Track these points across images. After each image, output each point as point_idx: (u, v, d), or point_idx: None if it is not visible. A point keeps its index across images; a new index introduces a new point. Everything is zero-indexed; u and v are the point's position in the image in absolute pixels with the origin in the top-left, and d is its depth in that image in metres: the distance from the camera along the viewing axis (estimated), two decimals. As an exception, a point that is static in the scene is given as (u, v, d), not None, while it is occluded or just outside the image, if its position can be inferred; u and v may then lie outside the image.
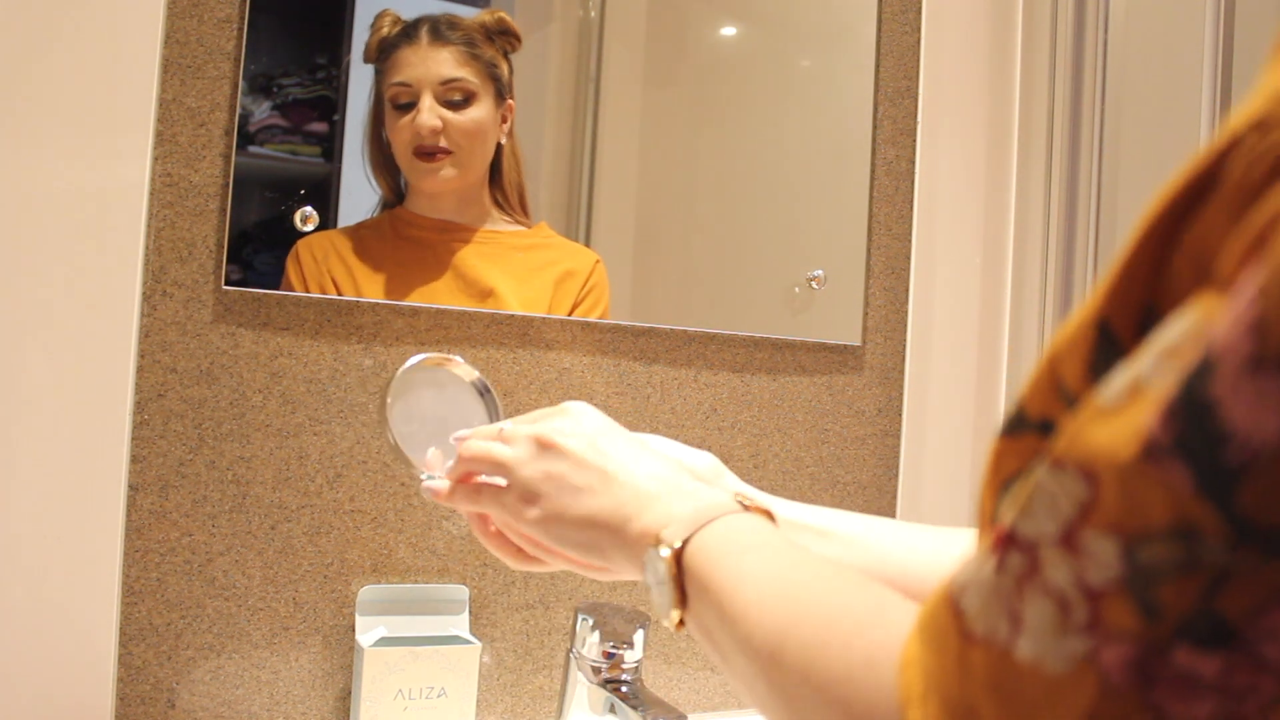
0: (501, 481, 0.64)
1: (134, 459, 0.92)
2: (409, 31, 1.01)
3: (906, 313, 1.28)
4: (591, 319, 1.09)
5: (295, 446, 0.97)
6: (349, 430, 0.99)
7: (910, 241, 1.28)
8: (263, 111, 0.96)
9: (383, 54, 1.00)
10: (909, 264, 1.28)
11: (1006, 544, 0.28)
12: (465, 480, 0.67)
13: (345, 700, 0.99)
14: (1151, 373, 0.25)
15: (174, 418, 0.93)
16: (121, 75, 0.91)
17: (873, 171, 1.25)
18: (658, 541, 0.50)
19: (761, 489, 1.18)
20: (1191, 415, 0.24)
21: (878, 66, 1.26)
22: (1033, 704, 0.27)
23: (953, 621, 0.30)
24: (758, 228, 1.20)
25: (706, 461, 0.68)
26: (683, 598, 0.49)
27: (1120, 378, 0.26)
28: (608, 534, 0.54)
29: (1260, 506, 0.23)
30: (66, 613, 0.89)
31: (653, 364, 1.13)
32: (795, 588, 0.42)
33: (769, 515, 0.53)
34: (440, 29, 1.01)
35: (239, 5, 0.95)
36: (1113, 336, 0.28)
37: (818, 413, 1.22)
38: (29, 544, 0.88)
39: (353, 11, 1.00)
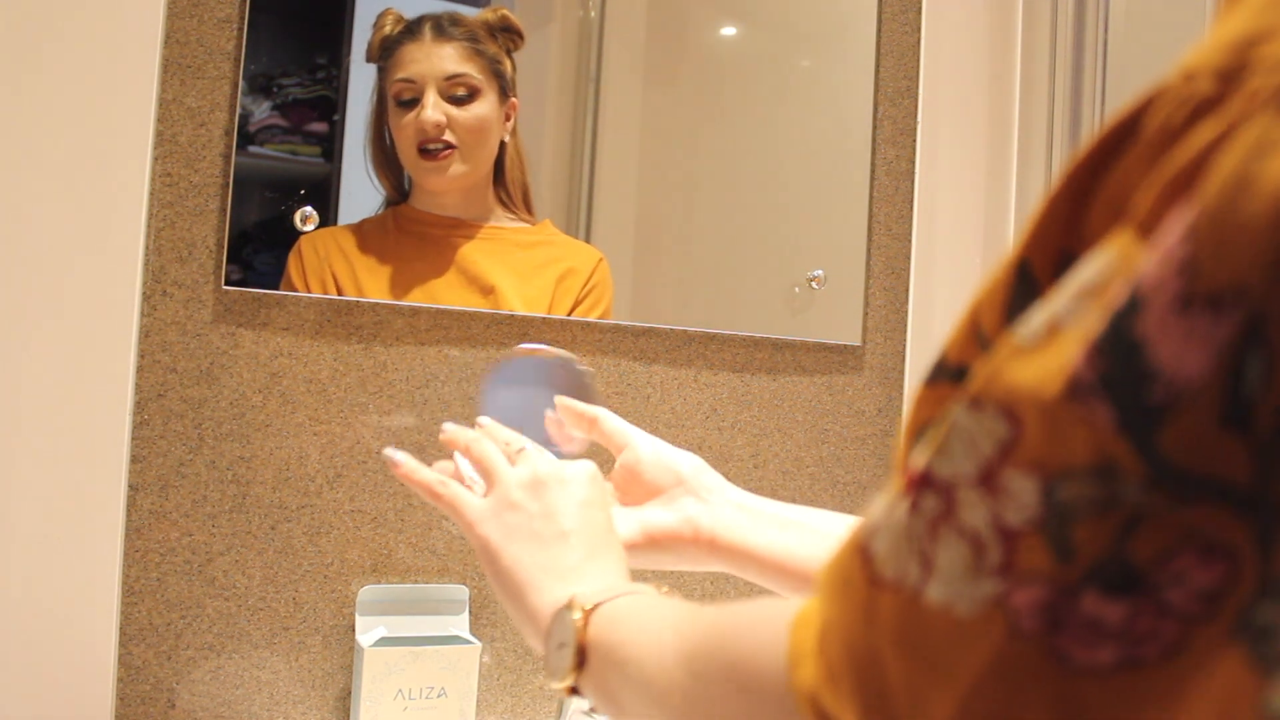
0: (478, 483, 0.64)
1: (134, 459, 0.92)
2: (412, 29, 1.01)
3: (906, 313, 1.28)
4: (592, 319, 1.09)
5: (295, 446, 0.97)
6: (349, 430, 0.99)
7: (910, 241, 1.28)
8: (263, 111, 0.96)
9: (385, 52, 1.00)
10: (909, 264, 1.28)
11: (921, 485, 0.28)
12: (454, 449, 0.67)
13: (345, 700, 0.99)
14: (1070, 311, 0.25)
15: (174, 418, 0.93)
16: (121, 75, 0.91)
17: (873, 171, 1.25)
18: (570, 605, 0.51)
19: (761, 489, 1.18)
20: (1117, 353, 0.24)
21: (878, 66, 1.26)
22: (939, 649, 0.27)
23: (860, 567, 0.29)
24: (758, 228, 1.20)
25: (691, 463, 0.69)
26: (581, 661, 0.49)
27: (1037, 316, 0.26)
28: (530, 589, 0.56)
29: (1180, 448, 0.23)
30: (66, 613, 0.89)
31: (653, 364, 1.13)
32: (702, 619, 0.42)
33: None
34: (444, 25, 1.01)
35: (239, 5, 0.95)
36: (1031, 279, 0.28)
37: (818, 413, 1.22)
38: (29, 544, 0.88)
39: (353, 11, 1.00)
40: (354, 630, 0.98)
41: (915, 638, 0.27)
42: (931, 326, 1.29)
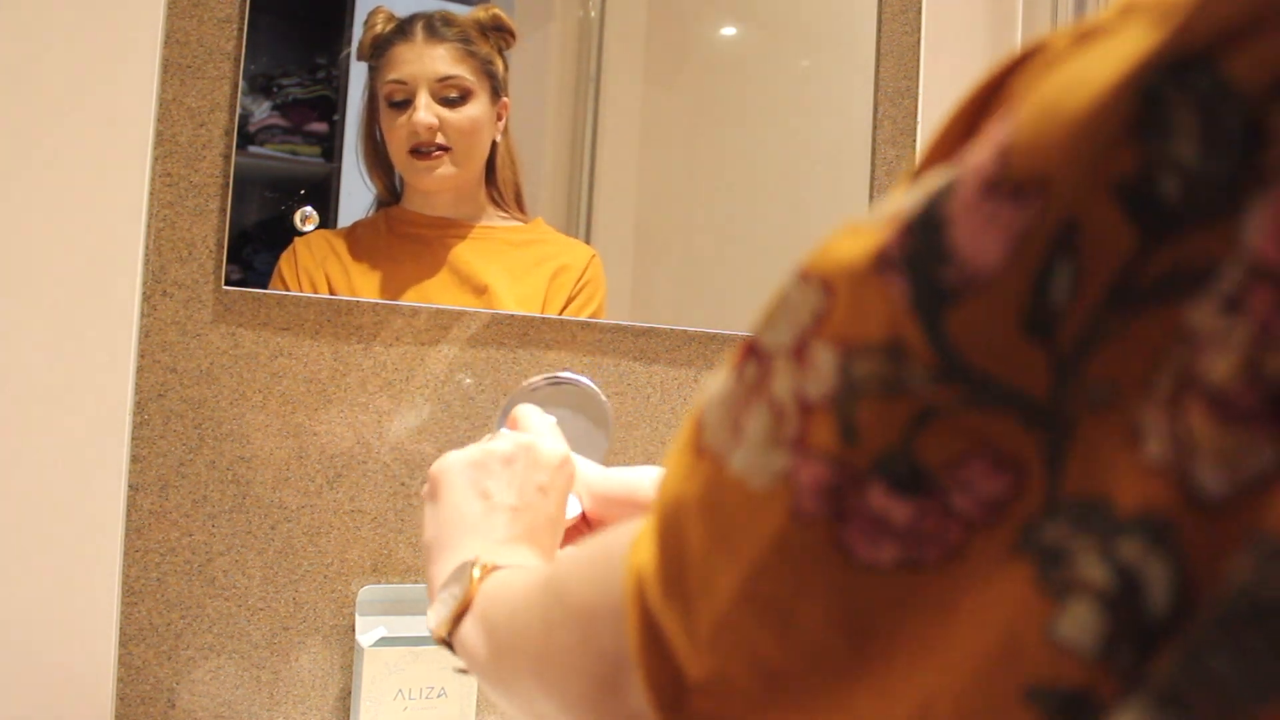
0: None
1: (134, 459, 0.92)
2: (404, 28, 1.01)
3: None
4: (592, 319, 1.09)
5: (295, 446, 0.97)
6: (349, 430, 0.99)
7: (910, 241, 1.28)
8: (263, 111, 0.96)
9: (376, 51, 1.00)
10: (909, 264, 1.28)
11: (747, 354, 0.28)
12: None
13: (345, 700, 0.99)
14: (900, 201, 0.25)
15: (174, 418, 0.93)
16: (121, 75, 0.91)
17: (873, 171, 1.25)
18: (474, 562, 0.51)
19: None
20: (923, 231, 0.23)
21: (878, 66, 1.26)
22: (731, 521, 0.26)
23: (692, 436, 0.29)
24: (758, 228, 1.20)
25: (655, 473, 0.68)
26: (461, 614, 0.50)
27: (879, 208, 0.26)
28: (451, 539, 0.57)
29: (968, 337, 0.23)
30: (66, 613, 0.89)
31: (653, 364, 1.13)
32: (560, 561, 0.42)
33: None
34: (435, 26, 1.01)
35: (239, 5, 0.95)
36: None
37: (818, 413, 1.22)
38: (29, 544, 0.88)
39: (352, 11, 1.00)
40: (354, 630, 0.98)
41: (714, 506, 0.27)
42: (931, 326, 1.29)
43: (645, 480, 0.68)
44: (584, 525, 0.69)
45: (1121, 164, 0.21)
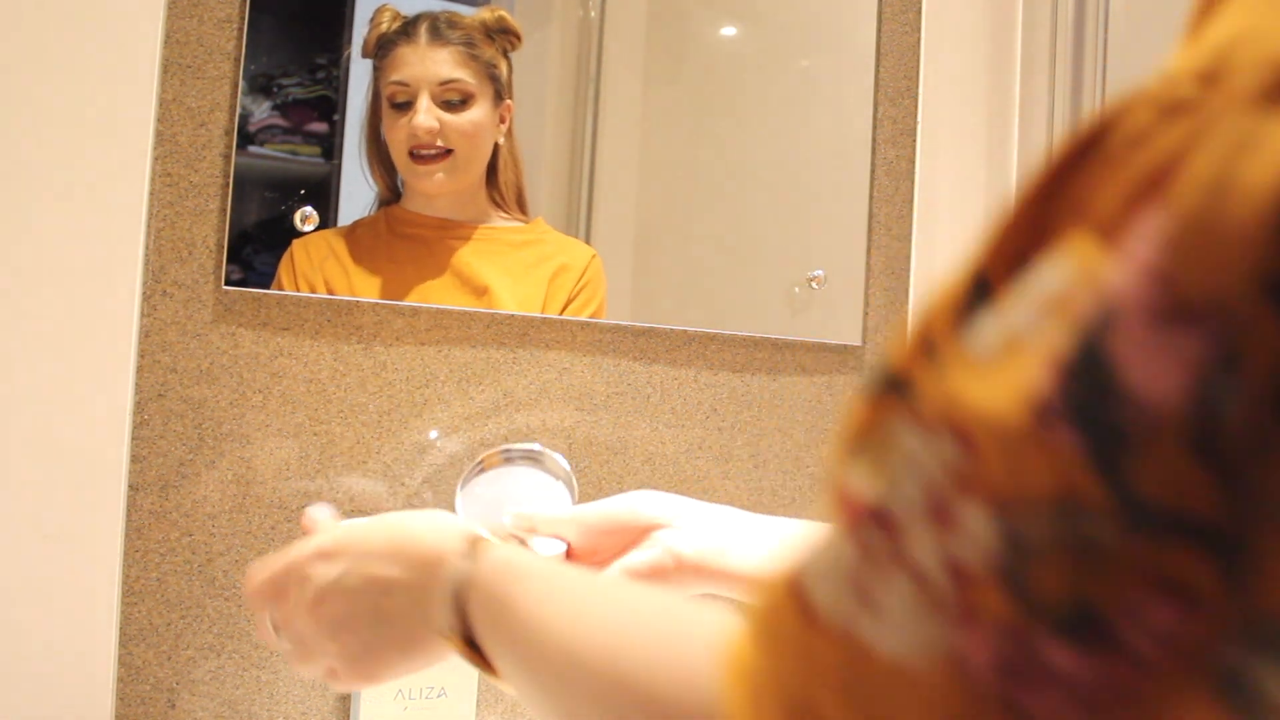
0: None
1: (134, 459, 0.92)
2: (408, 29, 1.00)
3: (906, 313, 1.28)
4: (591, 319, 1.09)
5: (295, 446, 0.97)
6: (349, 430, 0.99)
7: (910, 241, 1.28)
8: (263, 111, 0.96)
9: (381, 50, 1.00)
10: (909, 264, 1.28)
11: (864, 518, 0.25)
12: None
13: (345, 700, 0.99)
14: (1030, 324, 0.23)
15: (174, 418, 0.93)
16: (121, 75, 0.91)
17: (873, 171, 1.25)
18: (458, 551, 0.47)
19: (761, 489, 1.18)
20: (1086, 374, 0.21)
21: (878, 66, 1.26)
22: (885, 699, 0.24)
23: (796, 612, 0.27)
24: (758, 228, 1.20)
25: (642, 499, 0.66)
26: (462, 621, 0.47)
27: (991, 329, 0.24)
28: (409, 575, 0.51)
29: (1152, 480, 0.21)
30: (66, 613, 0.89)
31: (653, 364, 1.13)
32: (604, 604, 0.39)
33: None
34: (440, 28, 1.01)
35: (239, 5, 0.95)
36: (987, 290, 0.26)
37: (818, 413, 1.22)
38: (29, 544, 0.88)
39: (353, 11, 1.00)
40: (354, 630, 0.98)
41: (859, 687, 0.25)
42: (931, 326, 1.29)
43: (633, 506, 0.66)
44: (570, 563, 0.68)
45: (1276, 263, 0.20)
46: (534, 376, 1.07)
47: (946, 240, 1.31)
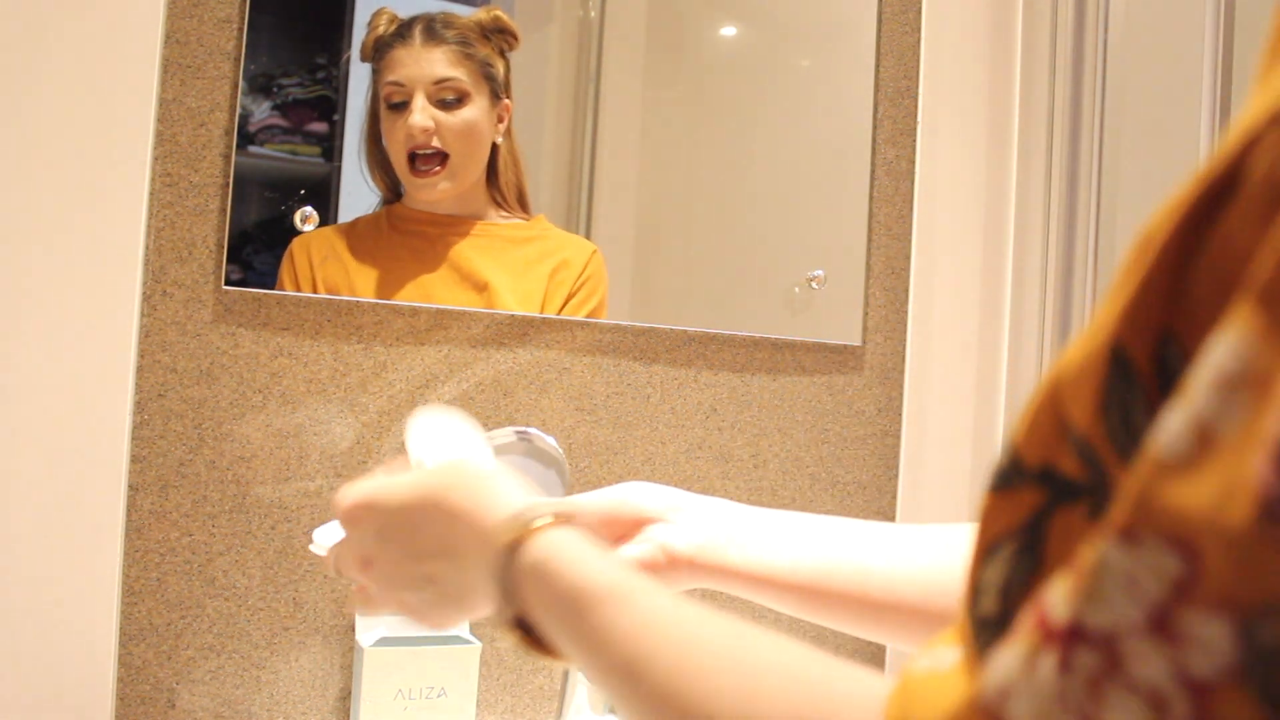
0: None
1: (134, 459, 0.92)
2: (403, 31, 1.01)
3: (906, 313, 1.28)
4: (592, 319, 1.09)
5: (295, 446, 0.97)
6: (349, 430, 0.99)
7: (910, 241, 1.28)
8: (263, 111, 0.96)
9: (378, 53, 1.01)
10: (909, 264, 1.28)
11: (1069, 638, 0.24)
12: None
13: (345, 700, 0.99)
14: (1220, 412, 0.22)
15: (174, 418, 0.93)
16: (121, 75, 0.91)
17: (873, 171, 1.25)
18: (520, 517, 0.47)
19: (761, 489, 1.18)
20: None
21: (878, 66, 1.26)
22: None
23: None
24: (758, 228, 1.20)
25: (634, 490, 0.65)
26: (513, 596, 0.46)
27: (1176, 421, 0.22)
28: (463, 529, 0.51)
29: None
30: (66, 613, 0.89)
31: (653, 364, 1.13)
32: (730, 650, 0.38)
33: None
34: (434, 28, 1.01)
35: (239, 5, 0.95)
36: (1128, 367, 0.25)
37: (818, 413, 1.22)
38: (29, 544, 0.88)
39: (353, 11, 1.00)
40: (354, 630, 0.98)
41: None
42: (931, 326, 1.29)
43: (626, 498, 0.65)
44: None
45: None
46: (534, 376, 1.07)
47: (946, 240, 1.31)
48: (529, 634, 0.46)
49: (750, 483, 1.18)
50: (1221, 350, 0.22)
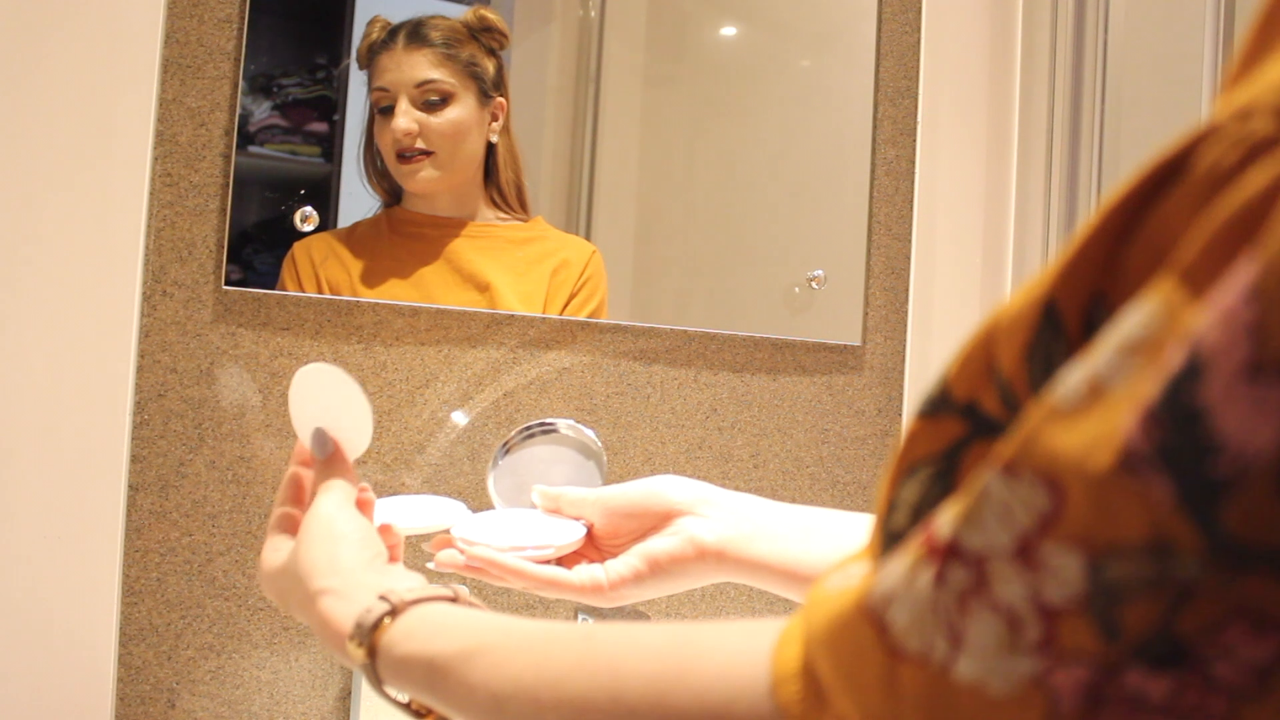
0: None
1: (134, 459, 0.92)
2: (390, 37, 1.02)
3: (906, 313, 1.28)
4: (591, 319, 1.09)
5: (295, 446, 0.97)
6: (349, 430, 0.99)
7: (910, 241, 1.28)
8: (263, 111, 0.96)
9: (370, 60, 1.02)
10: (909, 264, 1.28)
11: (948, 555, 0.26)
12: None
13: (345, 700, 0.99)
14: (1115, 370, 0.23)
15: (174, 418, 0.93)
16: (121, 75, 0.91)
17: (873, 171, 1.25)
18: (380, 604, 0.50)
19: (761, 489, 1.18)
20: (1177, 422, 0.22)
21: (878, 66, 1.26)
22: None
23: (875, 636, 0.28)
24: (758, 228, 1.20)
25: (666, 483, 0.66)
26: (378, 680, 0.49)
27: (1076, 374, 0.24)
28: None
29: (1245, 523, 0.22)
30: (66, 613, 0.89)
31: (653, 364, 1.13)
32: (619, 651, 0.39)
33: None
34: (418, 31, 1.02)
35: (239, 5, 0.95)
36: (1057, 322, 0.26)
37: (818, 413, 1.22)
38: (29, 544, 0.88)
39: (352, 12, 1.00)
40: (354, 630, 0.98)
41: (944, 714, 0.26)
42: (931, 326, 1.29)
43: (657, 490, 0.65)
44: (591, 545, 0.68)
45: None
46: (534, 376, 1.07)
47: (946, 240, 1.31)
48: (428, 711, 0.50)
49: (750, 483, 1.18)
50: (1133, 316, 0.24)
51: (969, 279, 1.32)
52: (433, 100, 1.02)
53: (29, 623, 0.88)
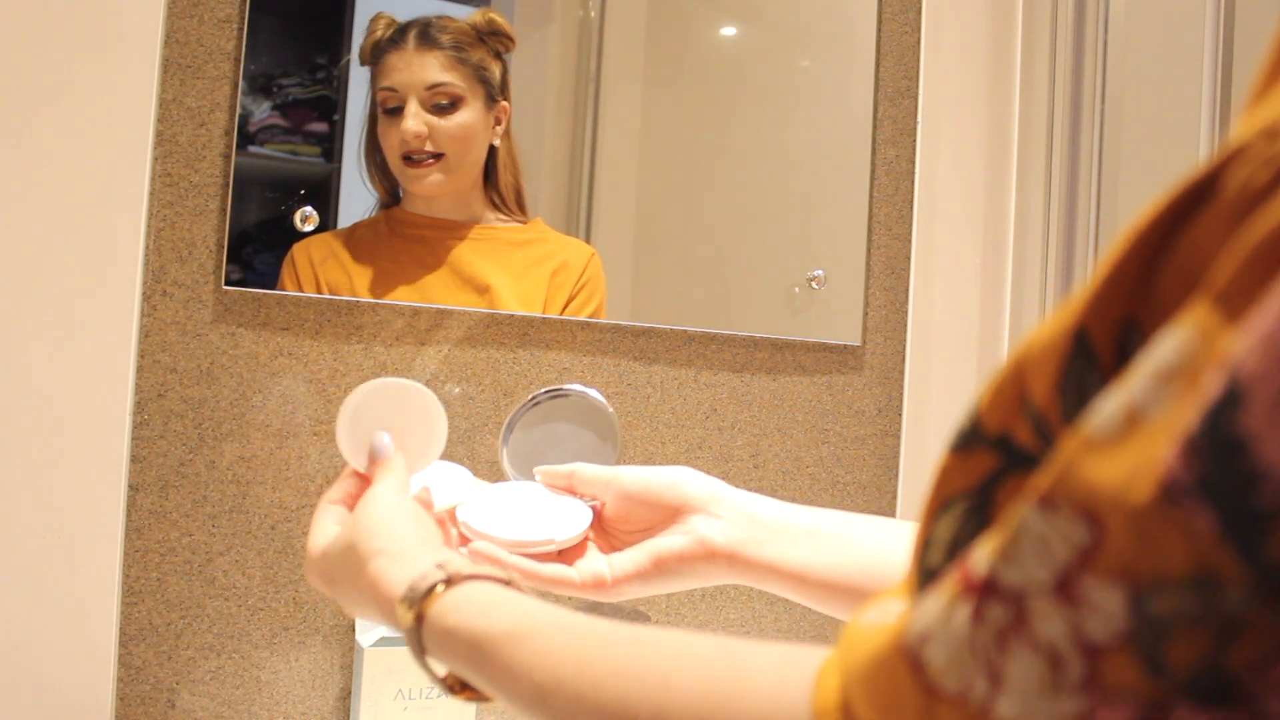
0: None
1: (134, 459, 0.92)
2: (398, 36, 1.01)
3: (906, 313, 1.28)
4: (591, 319, 1.09)
5: (295, 446, 0.97)
6: (349, 430, 0.99)
7: (910, 241, 1.28)
8: (263, 111, 0.96)
9: (374, 57, 1.01)
10: (909, 264, 1.28)
11: (985, 592, 0.26)
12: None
13: (345, 700, 0.99)
14: (1151, 398, 0.23)
15: (174, 418, 0.93)
16: (121, 75, 0.91)
17: (873, 171, 1.25)
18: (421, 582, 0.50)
19: (761, 489, 1.18)
20: (1217, 452, 0.21)
21: (878, 66, 1.26)
22: None
23: (910, 675, 0.27)
24: (758, 228, 1.20)
25: (683, 475, 0.66)
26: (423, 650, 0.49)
27: (1111, 403, 0.24)
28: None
29: None
30: (66, 613, 0.89)
31: (653, 364, 1.13)
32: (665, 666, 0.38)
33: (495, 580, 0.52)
34: (428, 33, 1.02)
35: (239, 5, 0.95)
36: (1089, 350, 0.26)
37: (818, 413, 1.22)
38: (29, 544, 0.88)
39: (352, 11, 1.00)
40: (354, 630, 0.98)
41: None
42: (931, 326, 1.29)
43: (676, 481, 0.65)
44: (598, 527, 0.68)
45: None
46: (534, 376, 1.07)
47: (946, 240, 1.31)
48: (463, 687, 0.50)
49: (750, 483, 1.17)
50: (1168, 342, 0.23)
51: (969, 279, 1.32)
52: (442, 104, 1.01)
53: (29, 622, 0.88)
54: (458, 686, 0.50)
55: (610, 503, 0.67)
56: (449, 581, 0.49)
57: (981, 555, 0.26)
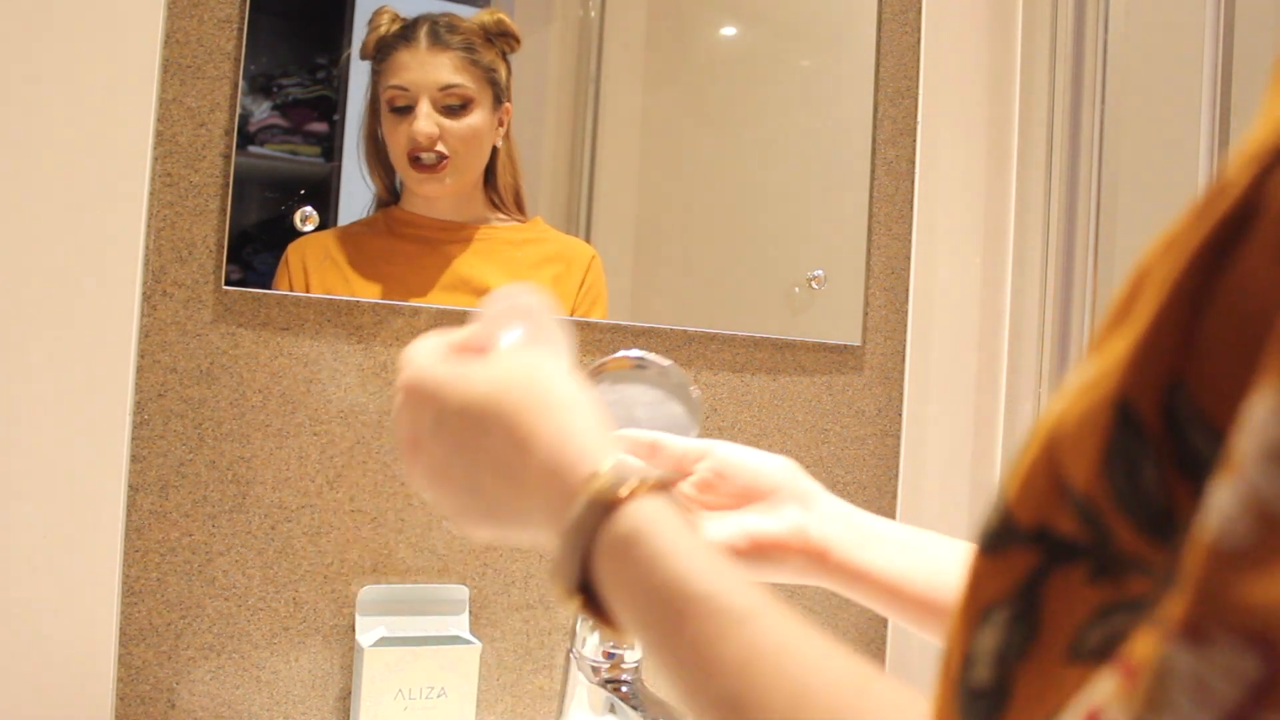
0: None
1: (134, 459, 0.92)
2: (407, 33, 1.00)
3: (906, 313, 1.28)
4: (591, 319, 1.09)
5: (295, 446, 0.97)
6: (349, 430, 0.99)
7: (910, 241, 1.28)
8: (263, 111, 0.96)
9: (380, 53, 1.00)
10: (909, 264, 1.28)
11: None
12: None
13: (345, 700, 0.99)
14: (1278, 489, 0.19)
15: (174, 418, 0.93)
16: (121, 75, 0.91)
17: (873, 171, 1.25)
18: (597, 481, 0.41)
19: (761, 489, 1.18)
20: None
21: (878, 66, 1.26)
22: None
23: None
24: (758, 228, 1.20)
25: (787, 466, 0.61)
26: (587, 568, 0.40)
27: (1229, 501, 0.20)
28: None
29: None
30: (66, 613, 0.89)
31: (653, 364, 1.13)
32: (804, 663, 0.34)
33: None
34: (440, 32, 1.01)
35: (239, 5, 0.95)
36: (1135, 421, 0.23)
37: (818, 413, 1.22)
38: (29, 544, 0.88)
39: (353, 11, 1.00)
40: (354, 630, 0.98)
41: None
42: (931, 326, 1.29)
43: (781, 470, 0.60)
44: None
45: None
46: (534, 376, 1.07)
47: (946, 240, 1.31)
48: (590, 603, 0.41)
49: (750, 483, 1.17)
50: (1262, 414, 0.20)
51: (969, 279, 1.32)
52: (453, 105, 1.01)
53: (29, 622, 0.88)
54: (584, 599, 0.41)
55: (698, 478, 0.62)
56: (662, 485, 0.40)
57: (1114, 706, 0.22)
